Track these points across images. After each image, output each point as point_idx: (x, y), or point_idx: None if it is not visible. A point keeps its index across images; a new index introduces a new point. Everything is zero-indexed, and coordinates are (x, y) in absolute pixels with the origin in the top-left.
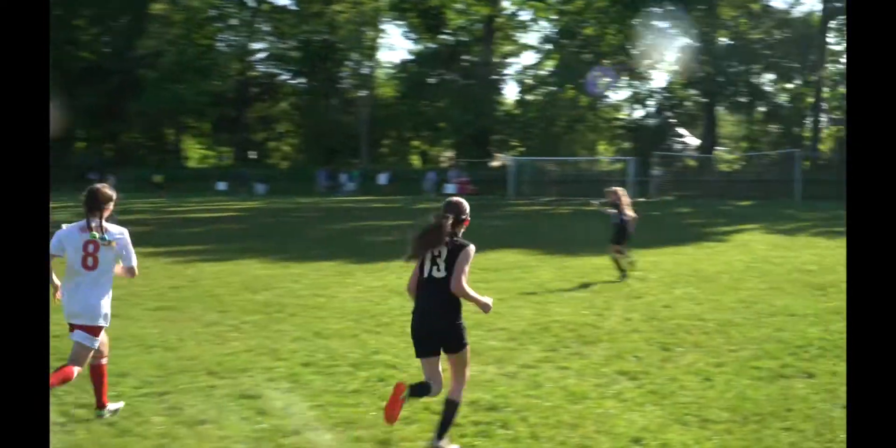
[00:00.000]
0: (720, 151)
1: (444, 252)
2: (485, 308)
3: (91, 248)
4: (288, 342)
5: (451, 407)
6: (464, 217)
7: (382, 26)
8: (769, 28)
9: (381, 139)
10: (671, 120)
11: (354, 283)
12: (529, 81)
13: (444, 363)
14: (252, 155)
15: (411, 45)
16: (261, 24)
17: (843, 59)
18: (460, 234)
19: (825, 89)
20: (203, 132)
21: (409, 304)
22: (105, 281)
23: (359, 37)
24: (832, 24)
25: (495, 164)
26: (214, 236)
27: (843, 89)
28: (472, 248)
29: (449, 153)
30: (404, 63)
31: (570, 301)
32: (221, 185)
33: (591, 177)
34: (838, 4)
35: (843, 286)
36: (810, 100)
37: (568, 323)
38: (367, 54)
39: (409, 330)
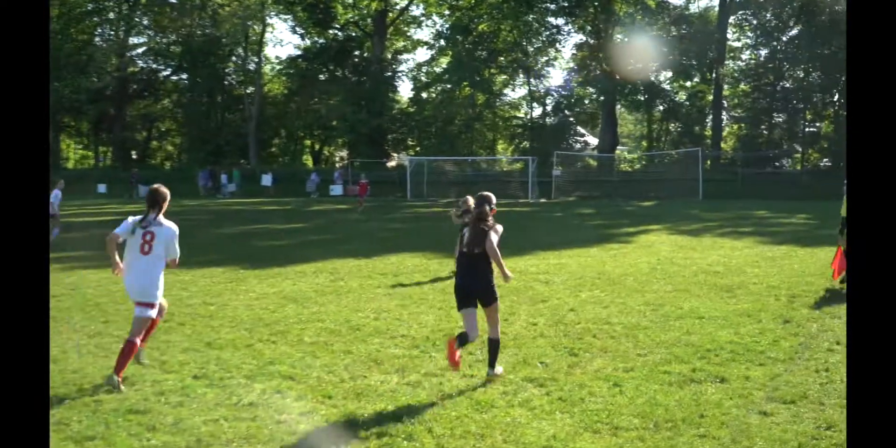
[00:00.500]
0: (621, 151)
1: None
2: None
3: (148, 236)
4: (177, 353)
5: (494, 344)
6: (493, 206)
7: (268, 20)
8: (666, 25)
9: (271, 138)
10: (570, 119)
11: (247, 290)
12: (424, 79)
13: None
14: (133, 155)
15: (299, 41)
16: (140, 18)
17: (745, 56)
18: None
19: (725, 87)
20: (81, 131)
21: (305, 312)
22: (156, 265)
23: (244, 31)
24: (731, 20)
25: (392, 164)
26: (95, 242)
27: (744, 86)
28: (499, 227)
29: (343, 153)
30: (292, 59)
31: None
32: (102, 188)
33: (491, 177)
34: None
35: (752, 288)
36: (710, 98)
37: None
38: (252, 49)
39: (305, 339)
